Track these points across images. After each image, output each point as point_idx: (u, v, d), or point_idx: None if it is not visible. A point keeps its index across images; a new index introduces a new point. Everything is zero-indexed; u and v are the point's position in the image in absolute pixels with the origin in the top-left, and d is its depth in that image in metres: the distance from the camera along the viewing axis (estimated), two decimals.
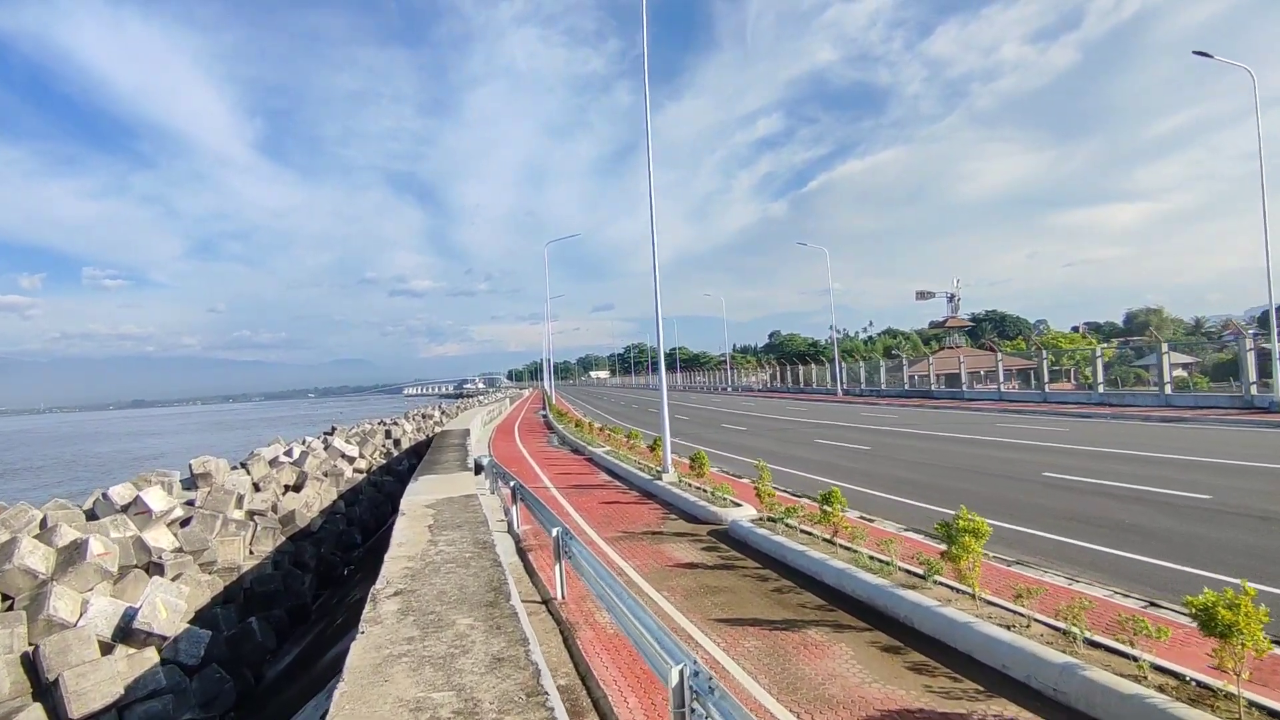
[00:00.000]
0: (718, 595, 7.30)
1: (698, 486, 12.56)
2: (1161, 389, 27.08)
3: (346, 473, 24.16)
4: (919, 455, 17.58)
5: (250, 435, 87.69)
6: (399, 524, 6.88)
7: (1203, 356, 61.41)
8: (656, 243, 14.51)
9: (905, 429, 24.41)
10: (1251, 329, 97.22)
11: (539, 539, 10.18)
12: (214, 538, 13.59)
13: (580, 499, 13.50)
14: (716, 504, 11.10)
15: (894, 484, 13.72)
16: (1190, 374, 56.23)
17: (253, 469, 18.24)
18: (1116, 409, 26.50)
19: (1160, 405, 26.11)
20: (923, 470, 15.19)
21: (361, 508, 22.72)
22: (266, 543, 15.37)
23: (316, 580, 16.45)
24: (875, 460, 17.22)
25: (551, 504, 12.86)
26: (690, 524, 10.85)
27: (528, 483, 15.58)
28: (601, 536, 10.25)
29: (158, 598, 9.24)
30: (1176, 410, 24.41)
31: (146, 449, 74.36)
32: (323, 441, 25.73)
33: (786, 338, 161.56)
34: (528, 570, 8.68)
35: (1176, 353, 64.35)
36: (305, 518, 17.34)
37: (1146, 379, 53.91)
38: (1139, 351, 64.26)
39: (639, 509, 12.23)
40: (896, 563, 6.94)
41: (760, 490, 9.71)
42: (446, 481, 10.48)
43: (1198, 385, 46.42)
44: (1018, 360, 61.65)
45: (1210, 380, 50.37)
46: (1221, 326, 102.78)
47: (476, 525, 6.69)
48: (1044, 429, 21.92)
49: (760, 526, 9.40)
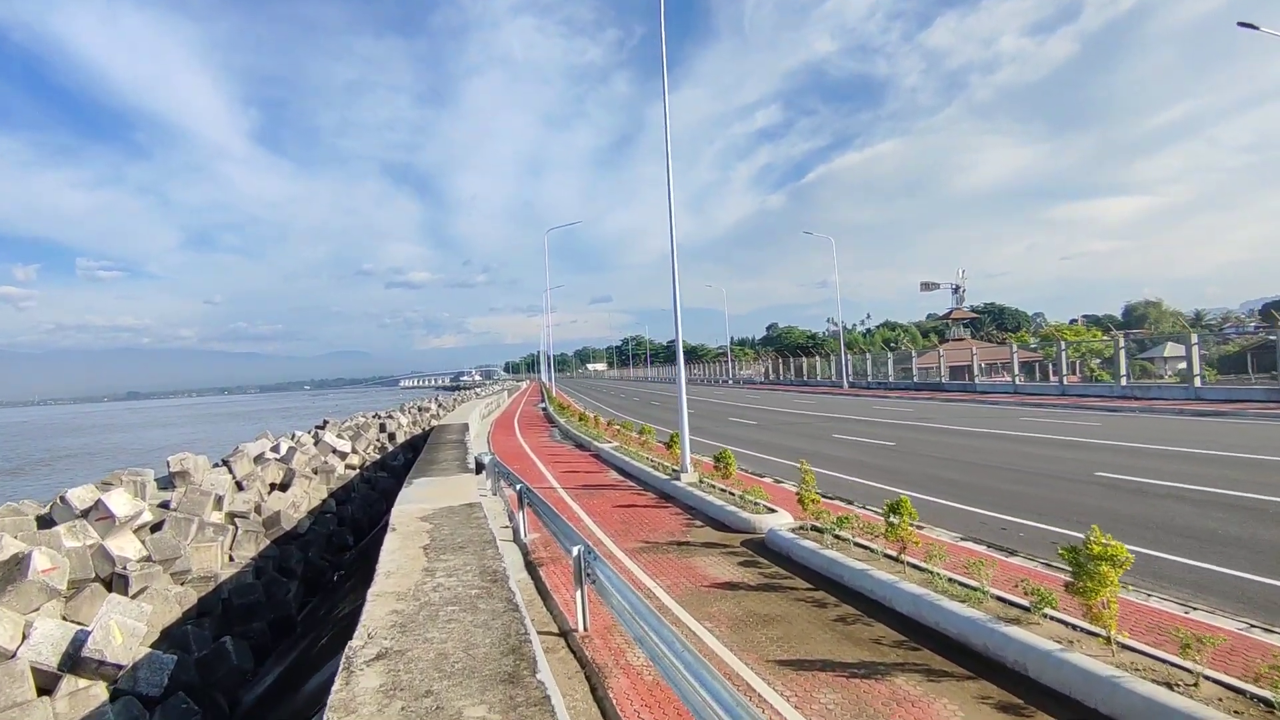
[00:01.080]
0: (771, 627, 6.11)
1: (722, 489, 11.37)
2: (1191, 382, 25.97)
3: (338, 469, 22.94)
4: (950, 452, 16.42)
5: (244, 428, 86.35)
6: (388, 544, 5.68)
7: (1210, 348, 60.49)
8: (675, 228, 13.28)
9: (926, 423, 23.26)
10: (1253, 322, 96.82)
11: (550, 550, 8.99)
12: (188, 544, 12.38)
13: (591, 501, 12.31)
14: (747, 509, 9.92)
15: (932, 484, 12.56)
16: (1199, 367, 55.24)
17: (236, 467, 16.99)
18: (1143, 402, 25.39)
19: (1189, 399, 25.01)
20: (959, 469, 14.02)
21: (354, 506, 21.51)
22: (248, 547, 14.15)
23: (303, 588, 15.25)
24: (904, 458, 16.05)
25: (560, 507, 11.68)
26: (719, 532, 9.67)
27: (532, 482, 14.38)
28: (620, 547, 9.06)
29: (112, 620, 8.04)
30: (1209, 404, 23.30)
31: (133, 443, 72.95)
32: (313, 436, 24.49)
33: (784, 330, 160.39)
34: (539, 589, 7.49)
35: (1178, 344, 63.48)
36: (292, 519, 16.12)
37: (1153, 371, 52.96)
38: (1141, 344, 63.46)
39: (658, 514, 11.04)
40: (988, 589, 5.76)
41: (804, 496, 8.52)
42: (444, 485, 9.26)
43: (1207, 378, 45.51)
44: (1022, 353, 60.68)
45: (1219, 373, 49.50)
46: (1221, 319, 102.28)
47: (482, 546, 5.49)
48: (1075, 424, 20.78)
49: (804, 537, 8.21)
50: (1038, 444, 16.88)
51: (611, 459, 17.16)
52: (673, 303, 13.13)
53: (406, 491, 8.84)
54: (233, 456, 17.28)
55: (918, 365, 46.60)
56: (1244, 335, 65.42)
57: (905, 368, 50.63)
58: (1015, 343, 39.37)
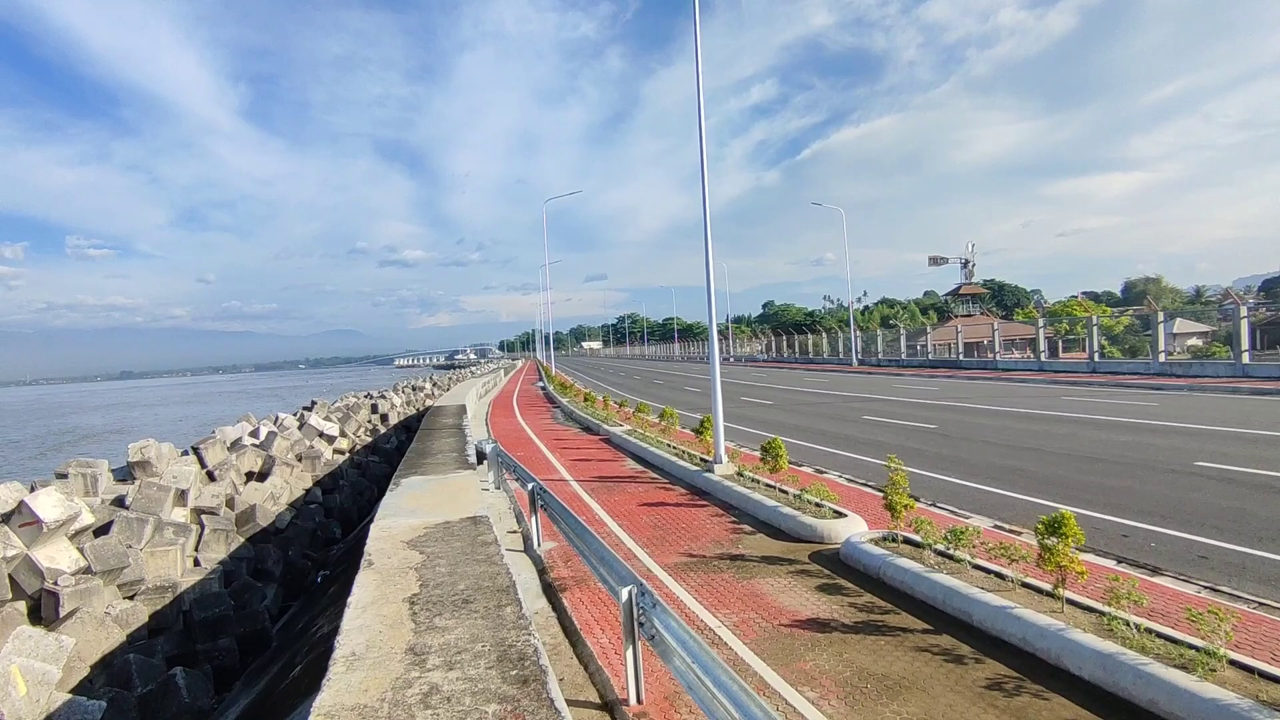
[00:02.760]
0: (901, 698, 4.36)
1: (769, 484, 9.62)
2: (1238, 358, 24.26)
3: (325, 454, 21.13)
4: (1006, 436, 14.69)
5: (234, 407, 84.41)
6: (359, 594, 3.88)
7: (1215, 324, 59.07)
8: (708, 196, 11.40)
9: (960, 403, 21.54)
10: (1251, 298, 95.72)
11: (573, 567, 7.24)
12: (142, 548, 10.59)
13: (612, 498, 10.54)
14: (809, 511, 8.16)
15: (1004, 476, 10.84)
16: (1209, 343, 53.99)
17: (207, 455, 15.16)
18: (1187, 380, 23.70)
19: (1237, 375, 23.33)
20: (1028, 457, 12.29)
21: (343, 495, 19.76)
22: (217, 548, 12.38)
23: (282, 592, 13.52)
24: (955, 443, 14.31)
25: (576, 505, 9.92)
26: (777, 542, 7.91)
27: (540, 472, 12.62)
28: (659, 563, 7.30)
29: (13, 664, 6.28)
30: (1262, 381, 21.61)
31: (114, 423, 70.98)
32: (298, 419, 22.65)
33: (781, 307, 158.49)
34: (564, 627, 5.74)
35: (1187, 320, 61.91)
36: (269, 513, 14.34)
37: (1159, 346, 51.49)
38: (1145, 321, 61.92)
39: (694, 515, 9.28)
40: (1223, 651, 4.02)
41: (894, 501, 6.75)
42: (439, 487, 7.45)
43: (1216, 354, 44.03)
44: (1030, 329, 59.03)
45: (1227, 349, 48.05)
46: (1221, 296, 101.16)
47: (498, 600, 3.68)
48: (1128, 404, 19.08)
49: (898, 553, 6.46)
50: (1103, 428, 15.16)
51: (626, 445, 15.40)
52: (705, 272, 11.28)
53: (392, 497, 7.01)
54: (204, 443, 15.44)
55: (935, 342, 44.82)
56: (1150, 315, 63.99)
57: (916, 344, 48.93)
58: (1040, 319, 37.60)
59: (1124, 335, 64.54)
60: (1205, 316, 60.78)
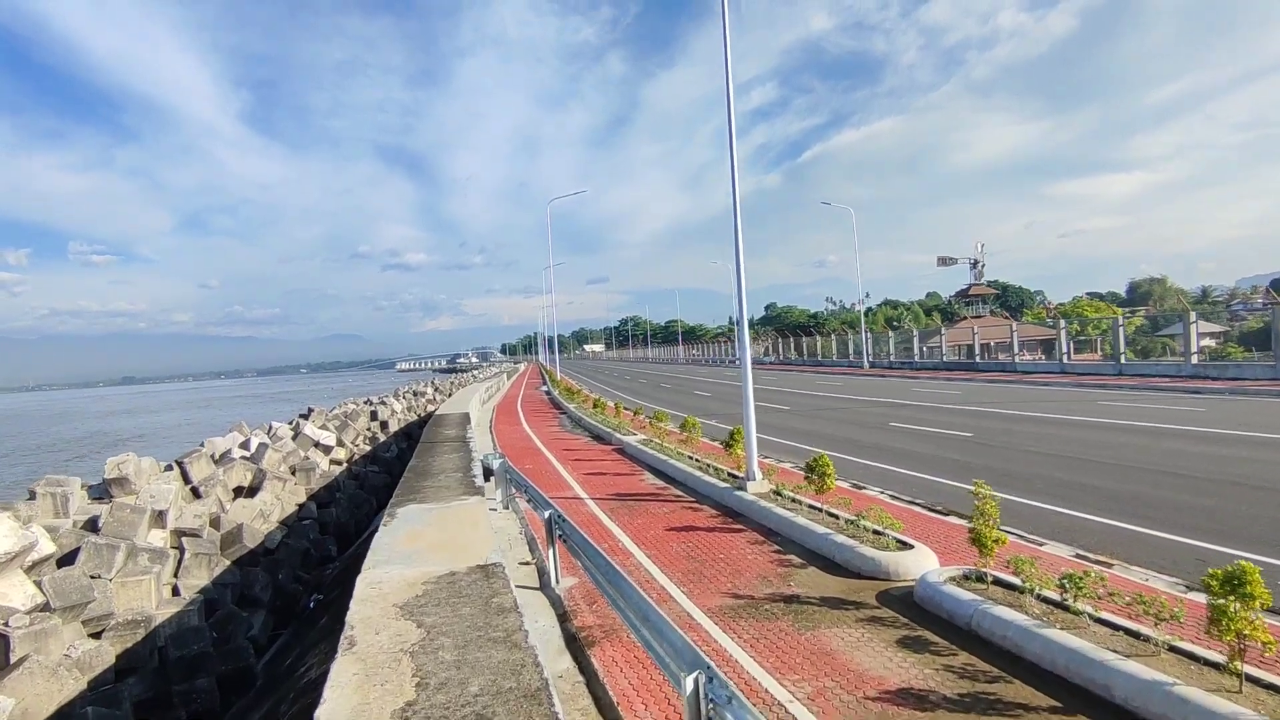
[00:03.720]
0: None
1: (811, 505, 8.53)
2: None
3: (321, 465, 20.08)
4: (1053, 445, 13.59)
5: (234, 413, 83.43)
6: (332, 698, 2.82)
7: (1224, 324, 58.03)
8: (737, 177, 10.33)
9: (990, 409, 20.43)
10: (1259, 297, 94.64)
11: (598, 612, 6.16)
12: (112, 578, 9.52)
13: (634, 521, 9.45)
14: (866, 540, 7.07)
15: (1064, 491, 9.76)
16: (1222, 345, 52.94)
17: (192, 469, 14.10)
18: (1225, 382, 22.58)
19: (1278, 378, 22.21)
20: (1094, 472, 11.18)
21: (339, 509, 18.69)
22: (198, 574, 11.31)
23: (271, 619, 12.46)
24: (999, 454, 13.22)
25: (594, 529, 8.85)
26: (831, 576, 6.82)
27: (551, 488, 11.54)
28: (699, 605, 6.22)
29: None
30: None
31: (111, 431, 70.00)
32: (292, 428, 21.59)
33: (784, 309, 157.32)
34: (599, 704, 4.64)
35: (1205, 321, 60.87)
36: (258, 534, 13.27)
37: (1175, 348, 50.41)
38: (1155, 322, 60.98)
39: (731, 543, 8.19)
40: None
41: (982, 533, 5.66)
42: (442, 519, 6.29)
43: (1232, 355, 42.97)
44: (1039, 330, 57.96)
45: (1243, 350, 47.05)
46: (1229, 296, 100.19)
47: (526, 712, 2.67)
48: (1171, 408, 17.98)
49: (992, 600, 5.37)
50: (1161, 436, 14.05)
51: (642, 457, 14.32)
52: (736, 266, 10.20)
53: (386, 534, 5.84)
54: (189, 457, 14.38)
55: (949, 344, 43.63)
56: (1252, 312, 63.23)
57: (925, 346, 47.83)
58: (1061, 320, 36.49)
59: (1135, 336, 63.59)
60: (1215, 317, 59.80)
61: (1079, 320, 67.24)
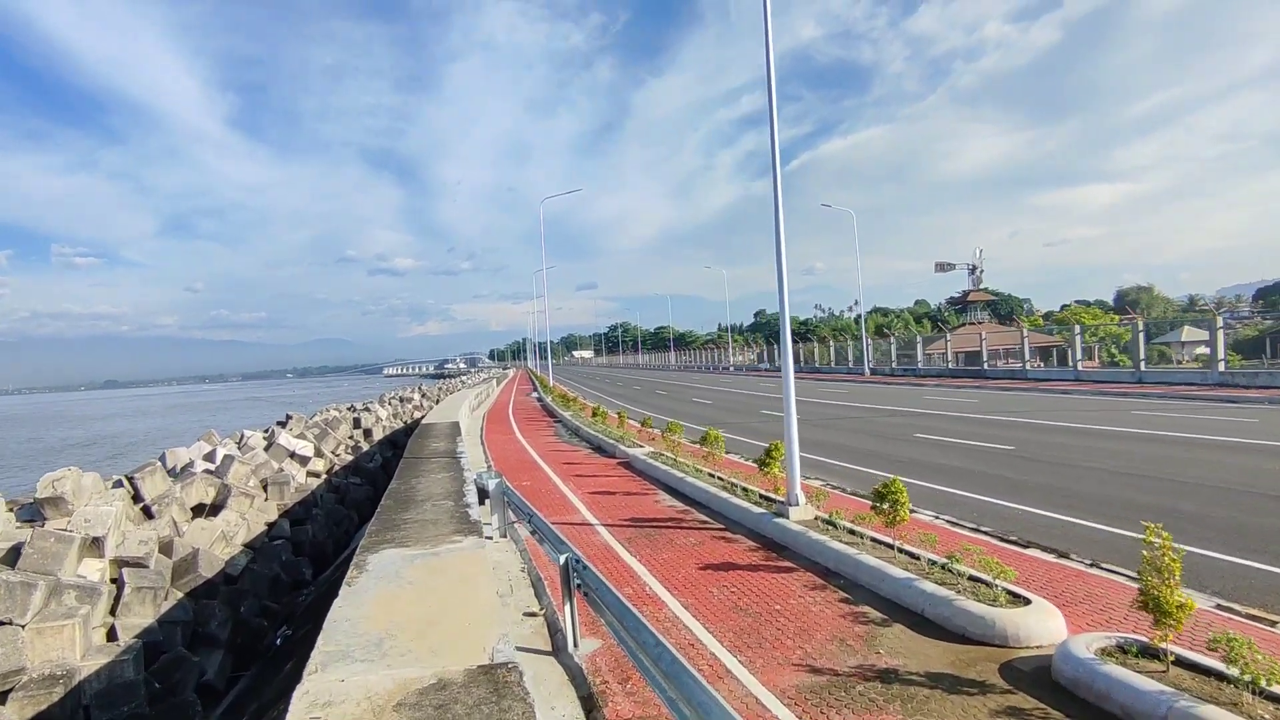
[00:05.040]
0: None
1: (874, 537, 7.07)
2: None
3: (297, 478, 18.41)
4: (1106, 460, 12.21)
5: (214, 418, 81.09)
6: None
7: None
8: (778, 171, 8.83)
9: (1018, 418, 19.09)
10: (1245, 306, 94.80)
11: (633, 695, 4.63)
12: (26, 624, 7.90)
13: (658, 555, 7.94)
14: (963, 590, 5.60)
15: (1148, 517, 8.35)
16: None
17: (144, 485, 12.43)
18: (1259, 390, 21.40)
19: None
20: (1160, 490, 9.80)
21: (316, 526, 17.03)
22: (142, 612, 9.67)
23: (231, 659, 10.81)
24: (1050, 471, 11.82)
25: (613, 567, 7.33)
26: (925, 637, 5.35)
27: (554, 511, 10.03)
28: (767, 684, 4.71)
29: None
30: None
31: (75, 437, 67.58)
32: (266, 437, 19.89)
33: (773, 316, 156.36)
34: None
35: (1196, 329, 60.19)
36: (215, 561, 11.62)
37: (1171, 356, 49.59)
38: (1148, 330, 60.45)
39: (783, 587, 6.69)
40: None
41: (1164, 601, 4.20)
42: (428, 576, 4.58)
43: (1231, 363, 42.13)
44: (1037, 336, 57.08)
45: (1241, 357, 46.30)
46: (1216, 304, 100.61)
47: None
48: (1217, 419, 16.70)
49: (1183, 689, 3.91)
50: (1229, 450, 12.72)
51: (653, 473, 12.81)
52: (777, 263, 8.74)
53: (348, 602, 4.06)
54: (141, 472, 12.71)
55: (952, 350, 42.43)
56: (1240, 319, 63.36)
57: (930, 353, 46.67)
58: (1077, 326, 35.38)
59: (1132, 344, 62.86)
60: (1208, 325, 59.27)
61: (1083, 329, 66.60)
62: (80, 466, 11.71)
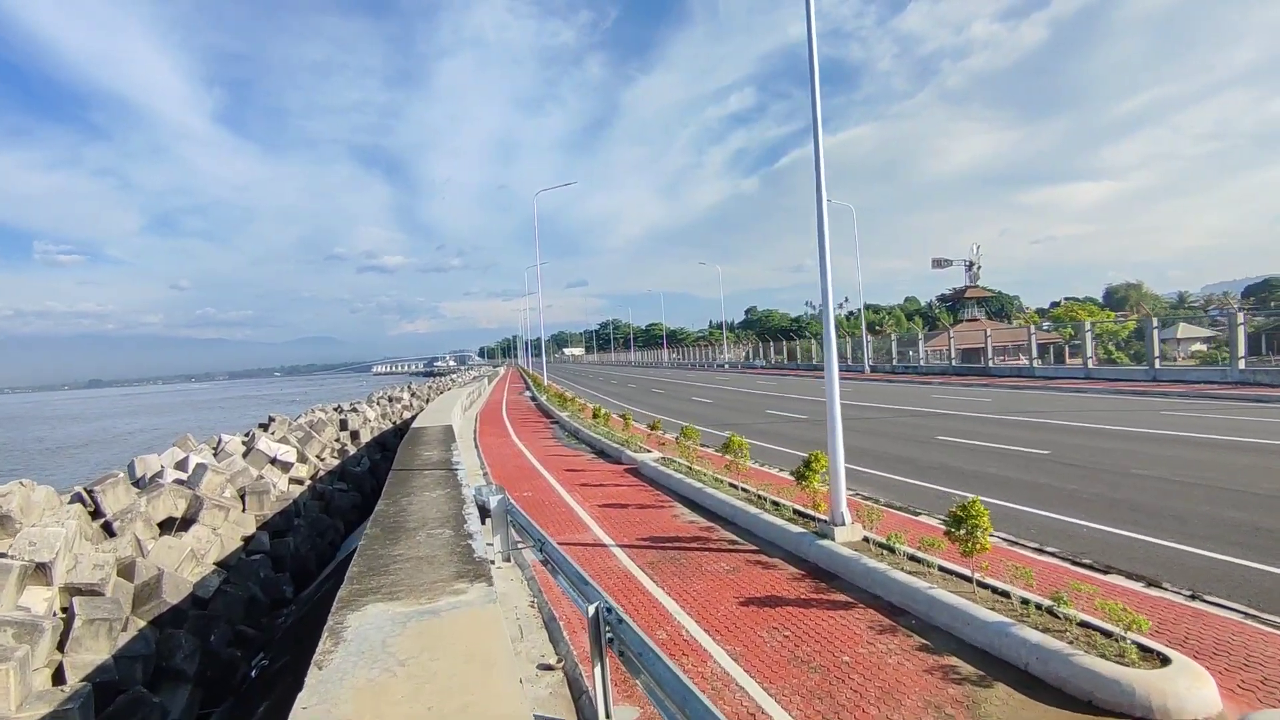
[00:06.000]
0: None
1: (944, 566, 6.05)
2: None
3: (278, 486, 17.27)
4: (1161, 467, 11.26)
5: (199, 417, 79.40)
6: None
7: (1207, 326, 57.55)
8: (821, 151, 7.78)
9: (1043, 419, 18.17)
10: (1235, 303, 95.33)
11: None
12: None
13: (688, 586, 6.87)
14: (1076, 640, 4.59)
15: (1240, 536, 7.39)
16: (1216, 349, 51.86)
17: (105, 499, 11.26)
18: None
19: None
20: (1244, 504, 8.84)
21: (299, 537, 15.88)
22: (95, 647, 8.53)
23: (199, 695, 9.68)
24: (1101, 479, 10.85)
25: (635, 600, 6.29)
26: (1042, 704, 4.32)
27: (559, 526, 8.97)
28: None
29: None
30: None
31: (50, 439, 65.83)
32: (244, 442, 18.68)
33: (764, 314, 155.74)
34: None
35: (1191, 325, 59.96)
36: (182, 585, 10.47)
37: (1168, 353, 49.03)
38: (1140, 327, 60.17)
39: (843, 627, 5.65)
40: None
41: None
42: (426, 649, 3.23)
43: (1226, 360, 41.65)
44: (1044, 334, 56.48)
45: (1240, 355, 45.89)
46: (1205, 301, 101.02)
47: None
48: (1262, 421, 15.84)
49: None
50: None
51: (666, 482, 11.76)
52: (819, 252, 7.72)
53: (315, 694, 2.97)
54: (101, 484, 11.52)
55: (957, 346, 41.56)
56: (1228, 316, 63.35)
57: (930, 350, 45.89)
58: (1088, 323, 34.60)
59: (1129, 340, 62.63)
60: (1199, 321, 59.23)
61: (1072, 325, 66.14)
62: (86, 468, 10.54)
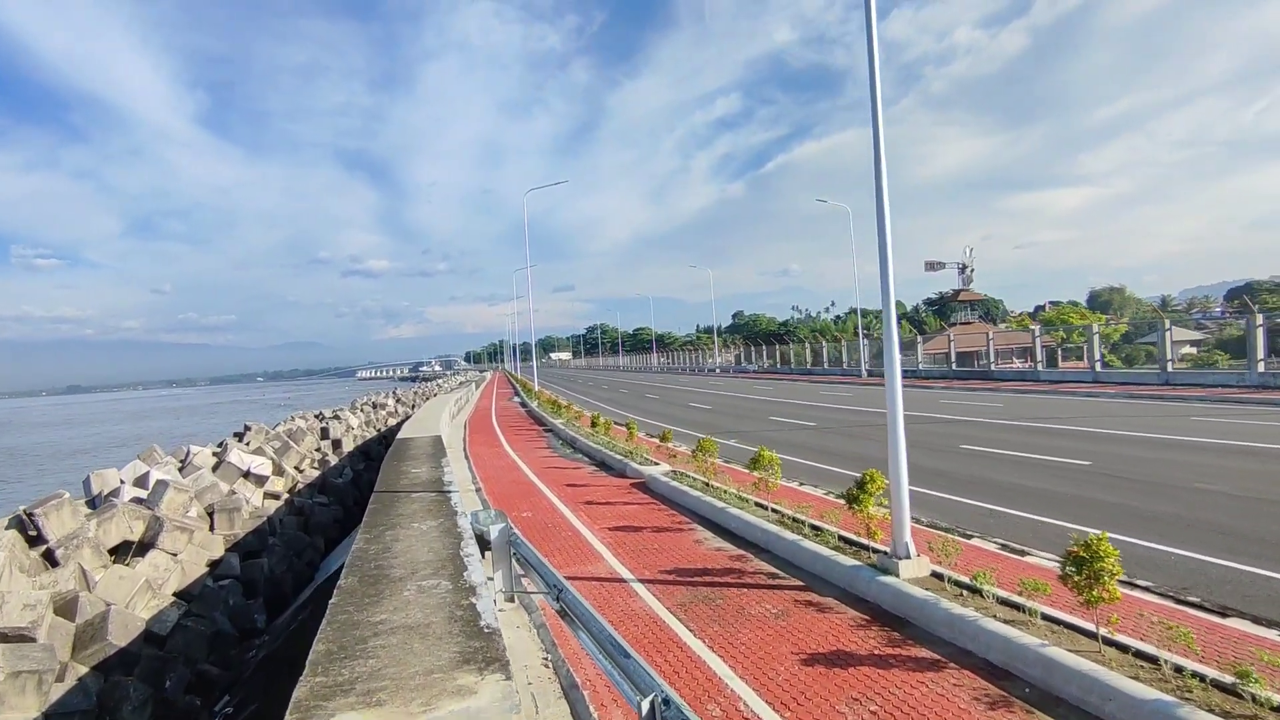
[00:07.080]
0: None
1: (1047, 614, 4.95)
2: None
3: (252, 501, 15.94)
4: (1222, 480, 10.26)
5: (178, 424, 77.34)
6: None
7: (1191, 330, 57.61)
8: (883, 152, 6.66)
9: (1067, 426, 17.22)
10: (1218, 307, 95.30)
11: None
12: None
13: (733, 637, 5.71)
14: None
15: None
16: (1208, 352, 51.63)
17: (47, 524, 9.93)
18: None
19: None
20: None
21: (274, 558, 14.56)
22: (22, 704, 7.24)
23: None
24: (1160, 495, 9.83)
25: (669, 658, 5.13)
26: None
27: (565, 554, 7.81)
28: None
29: None
30: None
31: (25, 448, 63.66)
32: (215, 454, 17.31)
33: (751, 318, 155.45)
34: None
35: (1181, 328, 59.56)
36: (133, 623, 9.16)
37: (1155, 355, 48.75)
38: (1138, 329, 60.18)
39: (937, 698, 4.51)
40: None
41: None
42: None
43: (1216, 363, 41.25)
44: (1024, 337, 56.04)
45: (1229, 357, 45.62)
46: (1188, 305, 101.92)
47: None
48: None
49: None
50: None
51: (682, 500, 10.60)
52: (880, 252, 6.62)
53: None
54: (43, 506, 10.18)
55: (956, 349, 40.71)
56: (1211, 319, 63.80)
57: (928, 353, 45.10)
58: (1094, 325, 33.89)
59: (1120, 344, 62.51)
60: (1186, 324, 59.47)
61: (1064, 328, 65.86)
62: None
